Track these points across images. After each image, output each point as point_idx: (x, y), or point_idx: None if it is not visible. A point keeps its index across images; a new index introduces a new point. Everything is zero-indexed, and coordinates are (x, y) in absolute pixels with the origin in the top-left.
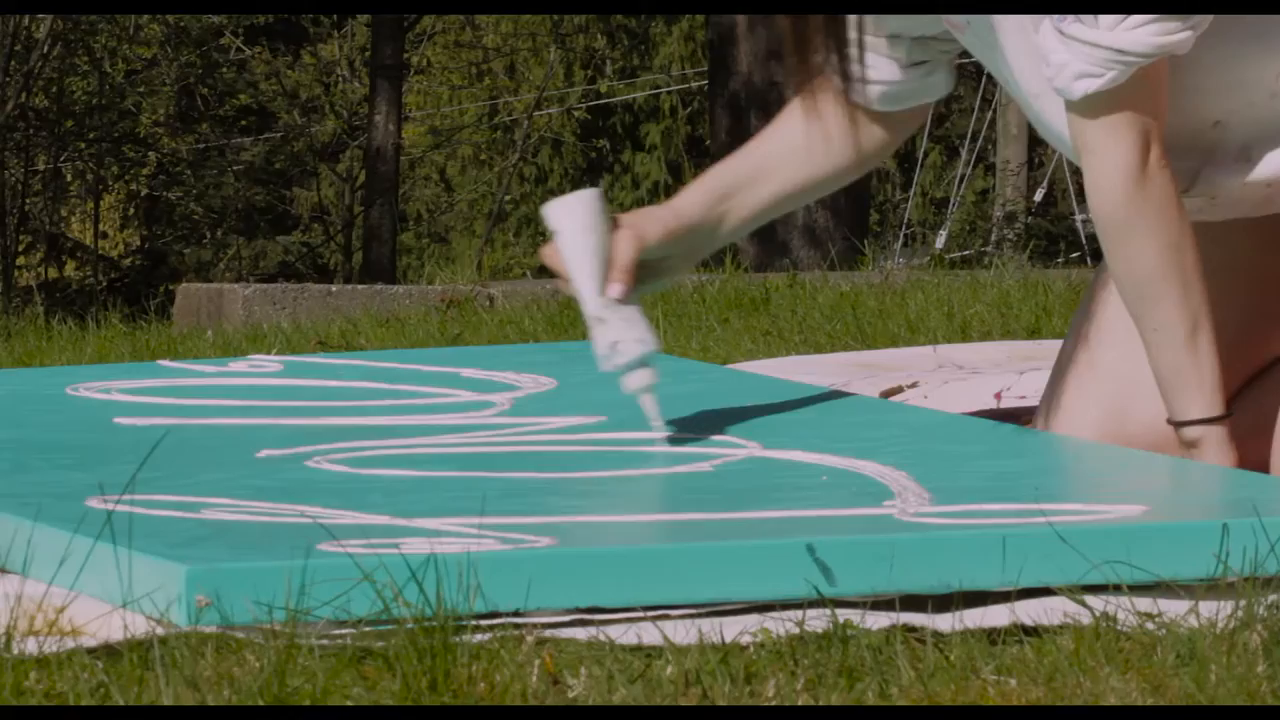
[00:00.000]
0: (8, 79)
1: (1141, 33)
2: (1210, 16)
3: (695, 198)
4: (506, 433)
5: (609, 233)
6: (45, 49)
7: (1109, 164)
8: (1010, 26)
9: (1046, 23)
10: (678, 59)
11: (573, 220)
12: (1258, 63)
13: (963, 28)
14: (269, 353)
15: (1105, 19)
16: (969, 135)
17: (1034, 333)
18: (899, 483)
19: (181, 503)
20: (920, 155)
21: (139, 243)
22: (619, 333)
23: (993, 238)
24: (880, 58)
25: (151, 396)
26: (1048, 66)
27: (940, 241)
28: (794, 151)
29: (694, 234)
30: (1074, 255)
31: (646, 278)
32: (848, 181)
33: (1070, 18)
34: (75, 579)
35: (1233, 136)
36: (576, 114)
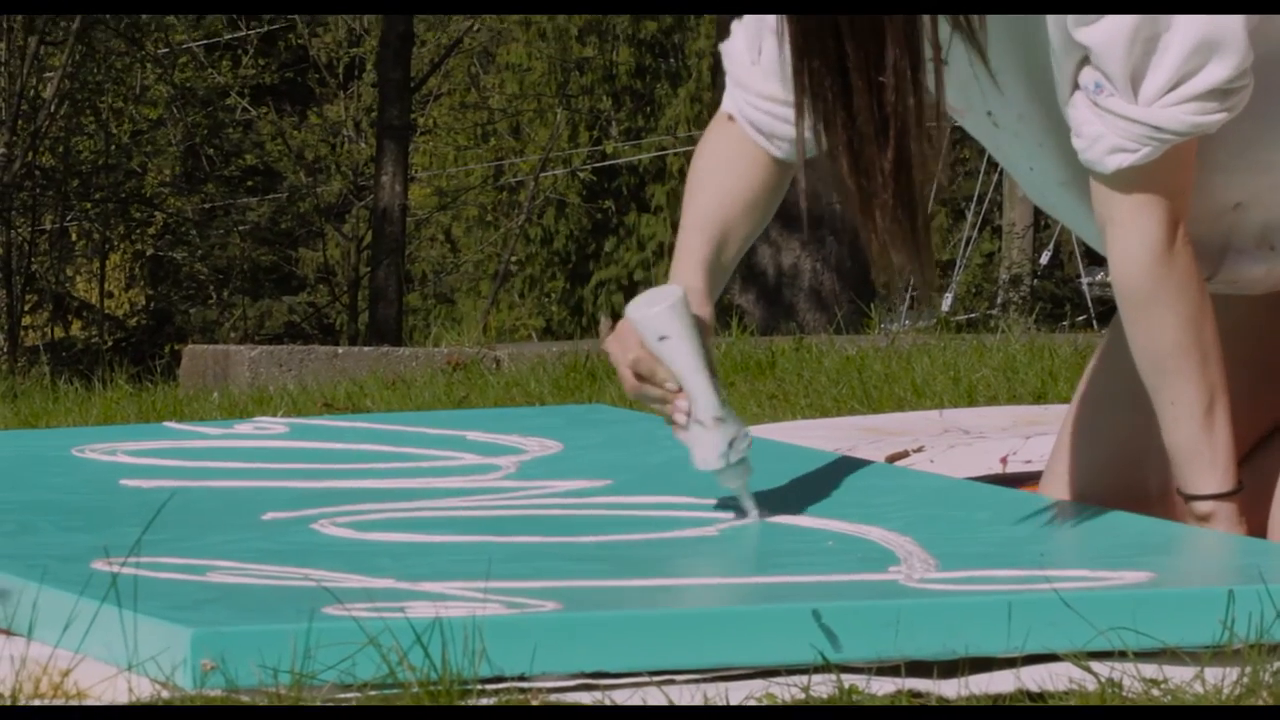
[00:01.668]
0: (15, 138)
1: (1178, 110)
2: (1248, 98)
3: (700, 284)
4: (512, 496)
5: (701, 332)
6: (52, 108)
7: (1135, 238)
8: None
9: (1079, 95)
10: (683, 120)
11: (679, 327)
12: None
13: (963, 113)
14: (274, 415)
15: (1143, 94)
16: (975, 198)
17: (1040, 397)
18: (904, 548)
19: (187, 565)
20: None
21: (144, 302)
22: (738, 428)
23: (998, 300)
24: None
25: (157, 458)
26: (1079, 138)
27: (946, 304)
28: (741, 205)
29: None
30: (1080, 318)
31: None
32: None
33: (1106, 90)
34: (80, 641)
35: (1253, 219)
36: (582, 175)
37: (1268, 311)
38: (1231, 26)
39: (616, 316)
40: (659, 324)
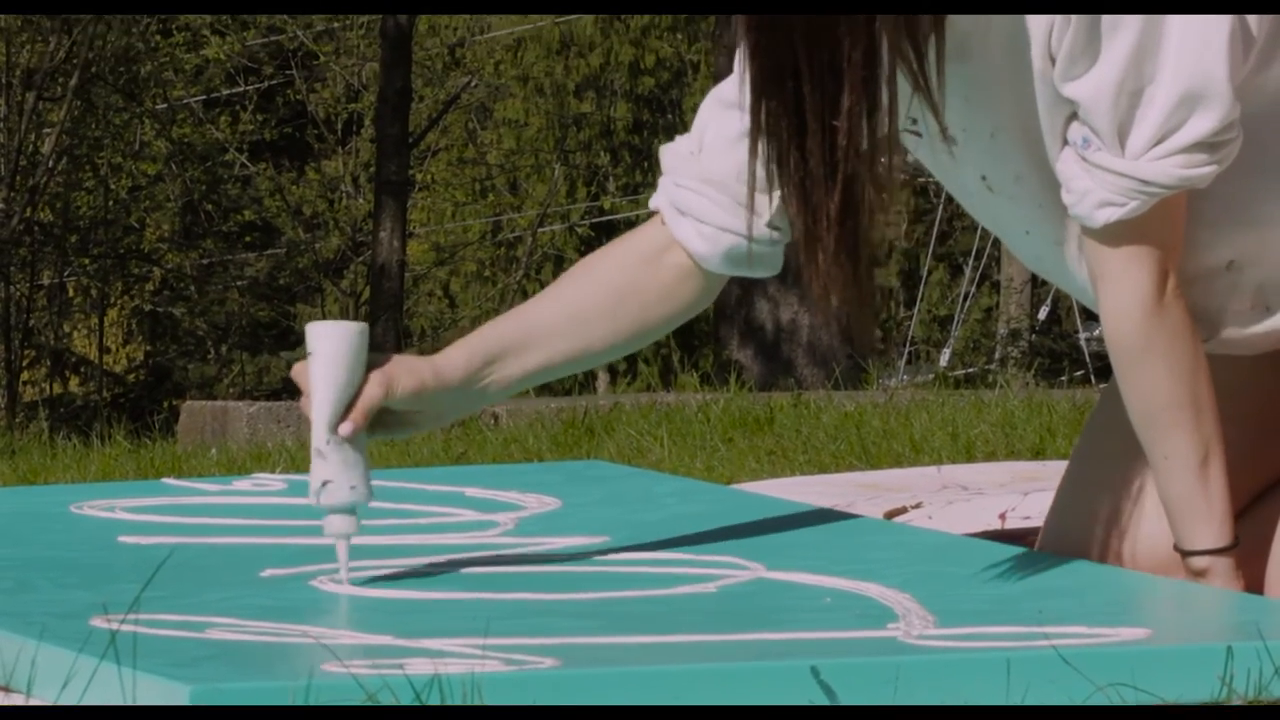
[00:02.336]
0: (13, 194)
1: (1167, 164)
2: (1236, 151)
3: (458, 359)
4: (510, 552)
5: (362, 371)
6: (50, 164)
7: (1126, 292)
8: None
9: (1068, 151)
10: None
11: (329, 347)
12: (1275, 201)
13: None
14: (273, 471)
15: (1130, 147)
16: (972, 253)
17: (1038, 453)
18: (903, 605)
19: (185, 622)
20: (924, 273)
21: (143, 358)
22: (334, 473)
23: (996, 356)
24: (740, 207)
25: (156, 515)
26: (1068, 194)
27: (944, 359)
28: (571, 319)
29: (449, 395)
30: (1078, 374)
31: (392, 425)
32: (625, 351)
33: (1094, 145)
34: (79, 699)
35: (1247, 280)
36: (579, 231)
37: (1268, 367)
38: (1216, 79)
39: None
40: (311, 339)
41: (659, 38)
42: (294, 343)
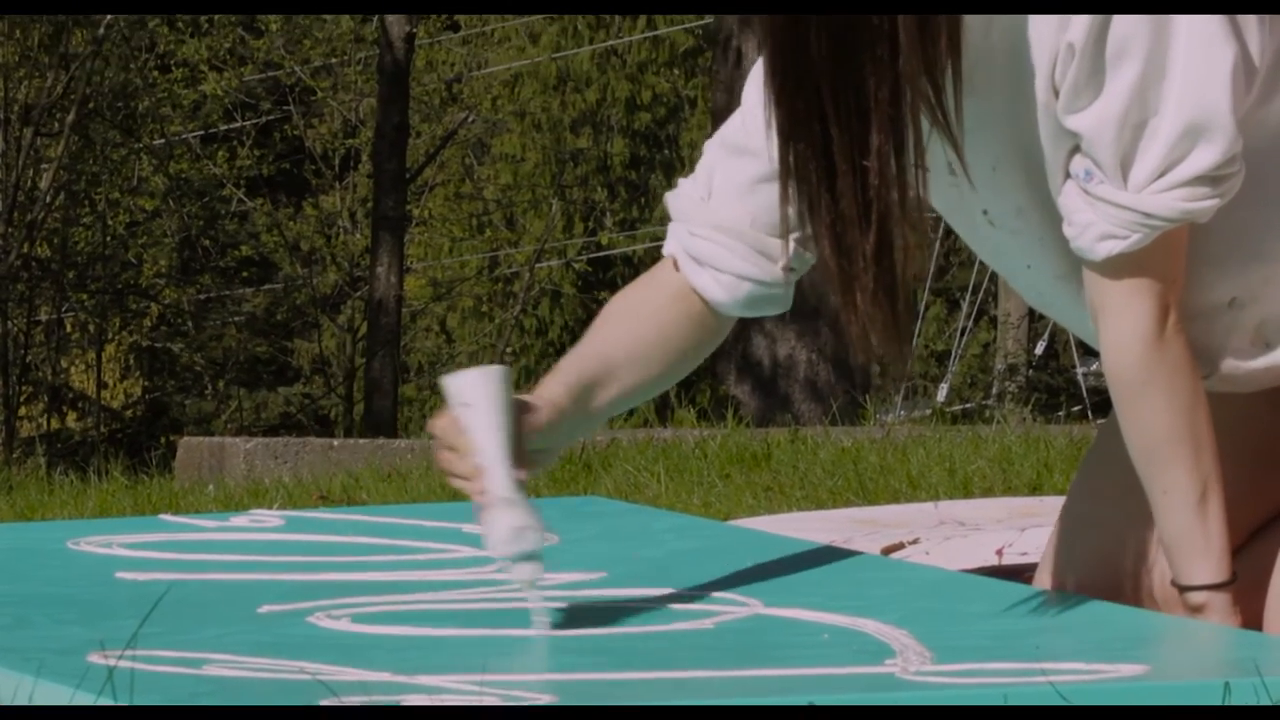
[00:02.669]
0: (11, 230)
1: (1169, 197)
2: (1239, 185)
3: (559, 389)
4: (508, 589)
5: (514, 413)
6: (48, 200)
7: (1126, 326)
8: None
9: (1070, 184)
10: None
11: (487, 394)
12: (1277, 235)
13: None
14: (270, 508)
15: (1133, 180)
16: (970, 288)
17: (1035, 489)
18: (900, 641)
19: (183, 659)
20: (921, 308)
21: (140, 394)
22: (527, 518)
23: (994, 390)
24: (760, 256)
25: (153, 551)
26: (1070, 227)
27: (942, 395)
28: (629, 354)
29: (566, 424)
30: (1075, 408)
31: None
32: (674, 381)
33: (1096, 177)
34: None
35: (1248, 316)
36: (577, 266)
37: (1266, 403)
38: (1219, 111)
39: None
40: (464, 390)
41: (655, 73)
42: (291, 378)
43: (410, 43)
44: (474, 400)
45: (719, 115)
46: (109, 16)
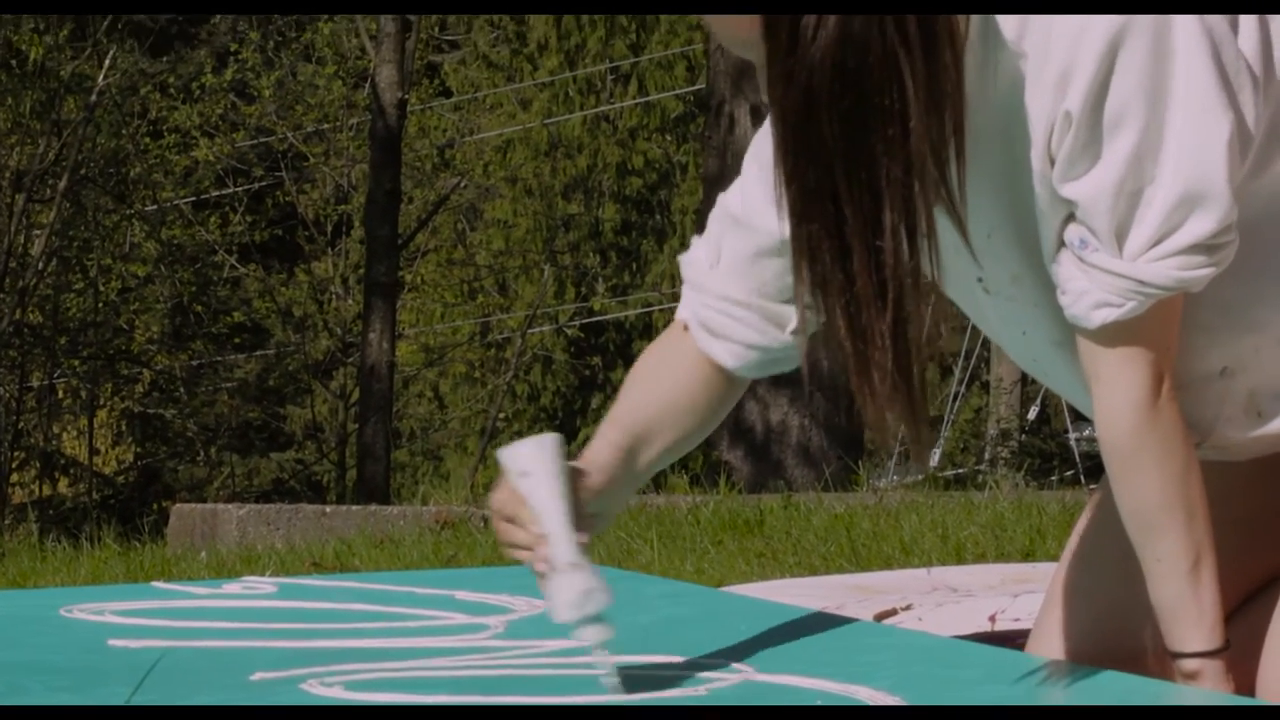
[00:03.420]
0: (3, 295)
1: (1164, 265)
2: (1233, 254)
3: (606, 451)
4: (501, 656)
5: (570, 480)
6: (40, 266)
7: (1120, 394)
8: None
9: (1065, 252)
10: (668, 277)
11: (546, 464)
12: (1270, 306)
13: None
14: (263, 574)
15: (1128, 249)
16: (962, 353)
17: (1028, 555)
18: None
19: None
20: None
21: (132, 460)
22: (594, 581)
23: (986, 456)
24: (768, 324)
25: (146, 619)
26: (1064, 295)
27: (934, 460)
28: (664, 413)
29: (616, 486)
30: (1068, 473)
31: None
32: (703, 437)
33: (1091, 245)
34: None
35: (1240, 385)
36: (568, 332)
37: (1258, 471)
38: (1215, 180)
39: None
40: (522, 460)
41: (647, 139)
42: (283, 444)
43: (402, 108)
44: (532, 469)
45: (711, 181)
46: (101, 83)
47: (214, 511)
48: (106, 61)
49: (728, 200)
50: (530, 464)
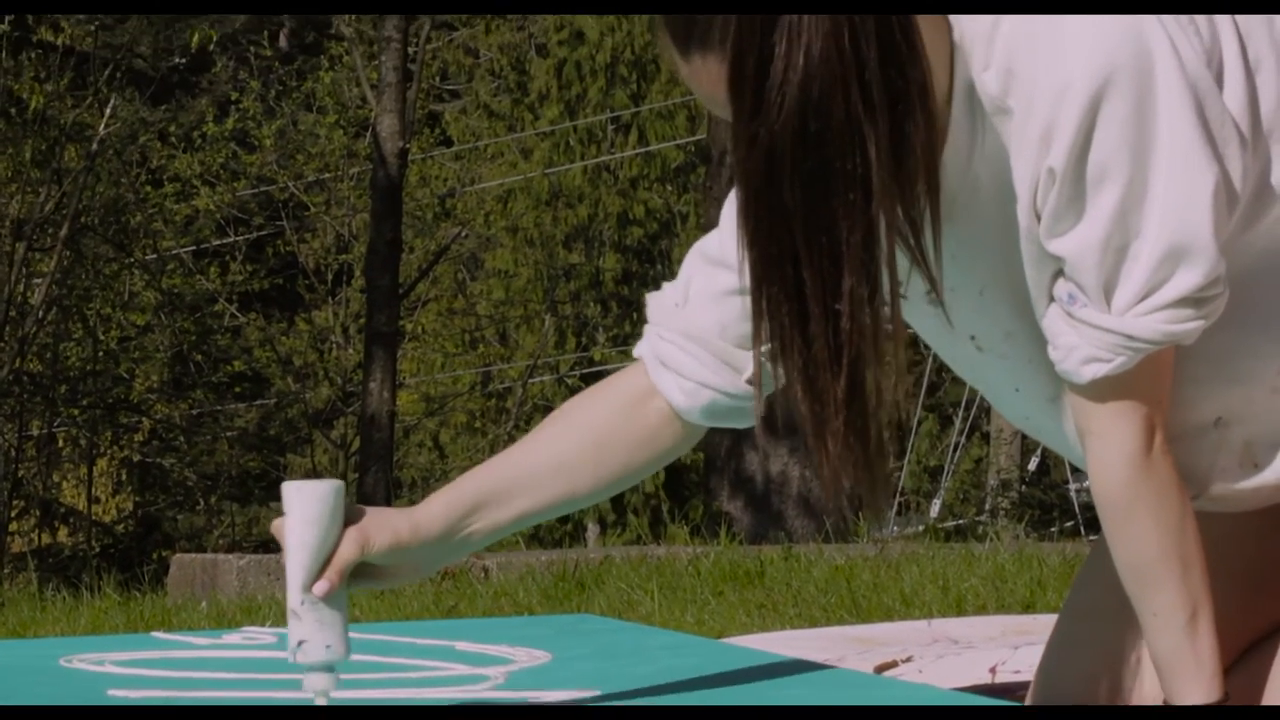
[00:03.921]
0: (2, 344)
1: (1152, 319)
2: (1223, 307)
3: (437, 510)
4: (501, 706)
5: (338, 529)
6: (40, 315)
7: (1113, 448)
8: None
9: (1054, 307)
10: None
11: (301, 508)
12: (1261, 358)
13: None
14: (263, 625)
15: (1116, 303)
16: (962, 403)
17: (1028, 607)
18: None
19: None
20: (914, 423)
21: (132, 509)
22: (309, 633)
23: (987, 506)
24: (724, 367)
25: (146, 669)
26: (1054, 350)
27: (934, 510)
28: (556, 466)
29: (427, 548)
30: (1068, 524)
31: (374, 576)
32: (609, 495)
33: (1080, 301)
34: None
35: (1235, 436)
36: (569, 382)
37: (1255, 522)
38: (1201, 234)
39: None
40: (285, 499)
41: (648, 188)
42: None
43: (403, 158)
44: (292, 510)
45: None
46: (102, 131)
47: (214, 561)
48: (107, 110)
49: (705, 243)
50: (292, 504)
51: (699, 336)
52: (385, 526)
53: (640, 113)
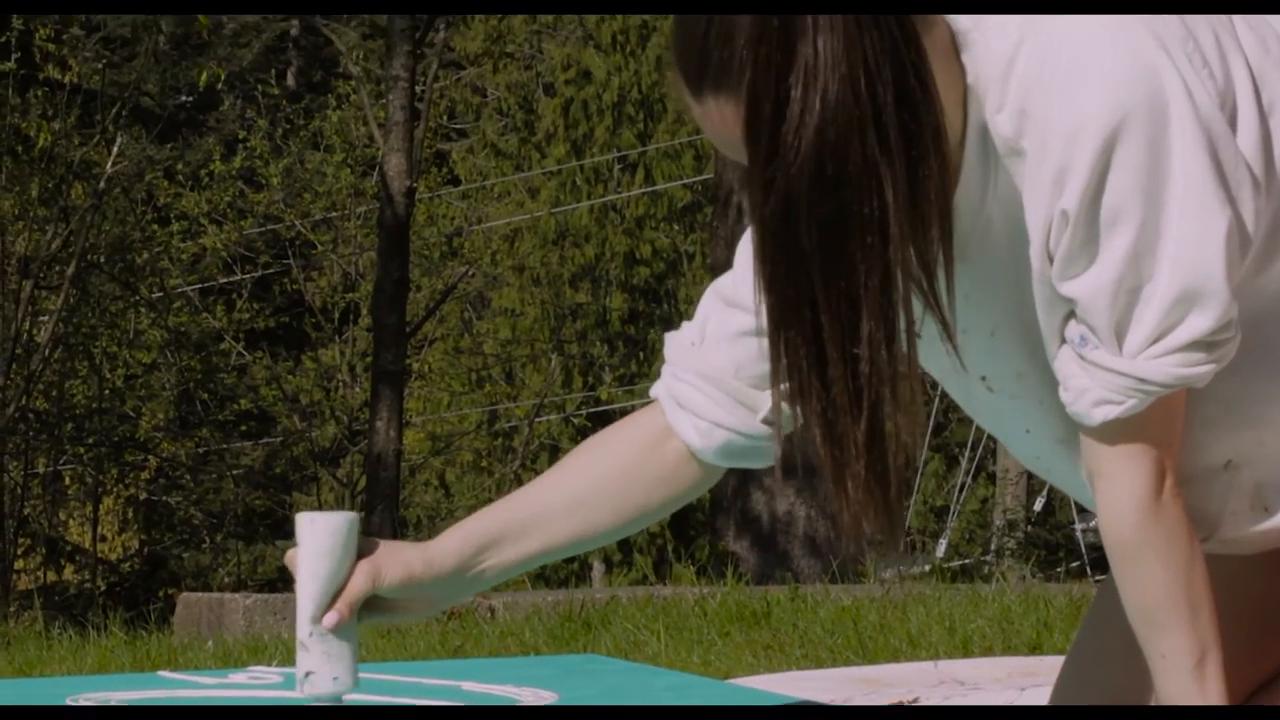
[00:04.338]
0: (9, 382)
1: (1164, 362)
2: (1234, 351)
3: (451, 545)
4: None
5: (350, 561)
6: (46, 353)
7: (1122, 491)
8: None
9: (1066, 349)
10: None
11: (313, 540)
12: (1273, 401)
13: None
14: (269, 664)
15: (1128, 346)
16: (968, 444)
17: (1035, 648)
18: None
19: None
20: (920, 463)
21: (138, 547)
22: (316, 664)
23: (993, 546)
24: (739, 406)
25: (152, 708)
26: (1065, 392)
27: (940, 550)
28: (574, 504)
29: (440, 584)
30: (1074, 564)
31: (384, 609)
32: (626, 534)
33: (1091, 343)
34: None
35: (1245, 480)
36: (576, 421)
37: (1264, 565)
38: (1213, 277)
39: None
40: (298, 530)
41: (654, 228)
42: (288, 532)
43: (410, 197)
44: (304, 542)
45: (719, 270)
46: (109, 169)
47: (221, 600)
48: (114, 148)
49: (720, 283)
50: (304, 535)
51: (714, 376)
52: (398, 560)
53: (647, 152)
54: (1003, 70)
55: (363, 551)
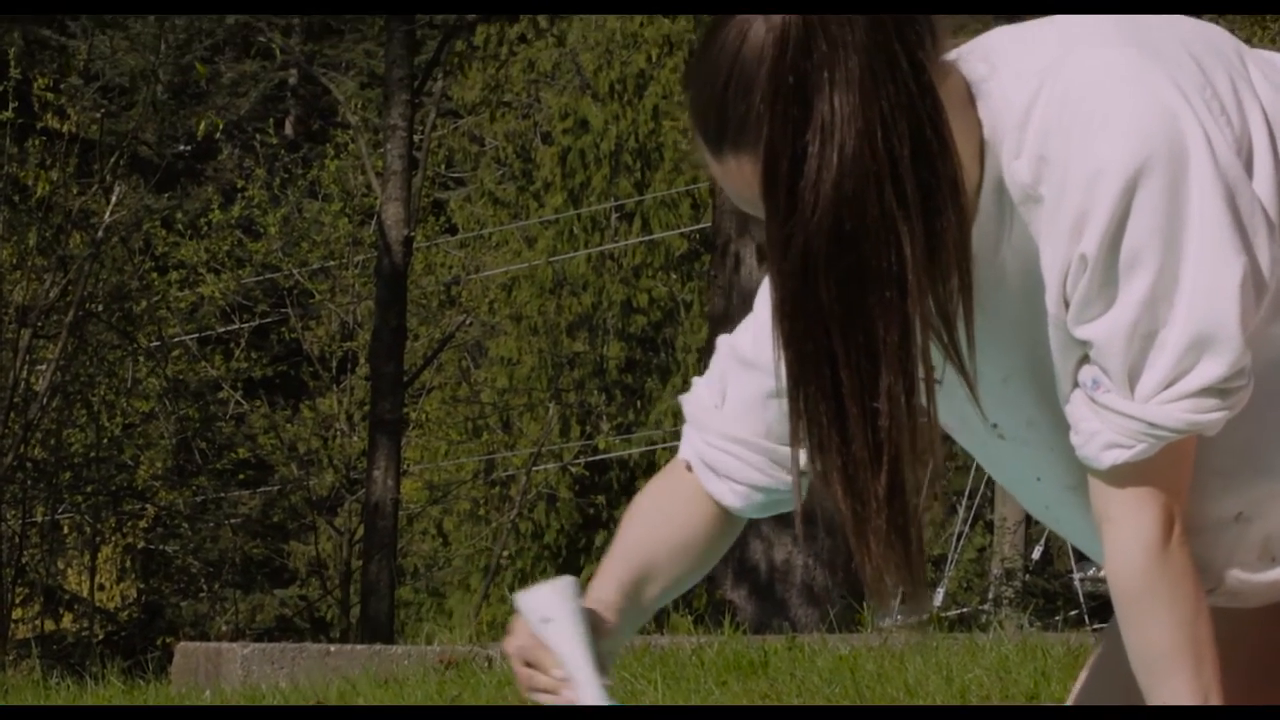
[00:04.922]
0: (6, 430)
1: (1175, 408)
2: (1247, 398)
3: (611, 589)
4: None
5: (588, 621)
6: (44, 401)
7: (1130, 536)
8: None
9: (1078, 393)
10: (672, 415)
11: (564, 610)
12: None
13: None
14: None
15: (1140, 390)
16: (966, 492)
17: (1033, 698)
18: None
19: None
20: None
21: (136, 595)
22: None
23: (990, 595)
24: (773, 465)
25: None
26: (1076, 435)
27: (938, 599)
28: (671, 550)
29: (628, 623)
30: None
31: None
32: (702, 575)
33: (1104, 386)
34: None
35: (1254, 531)
36: (573, 470)
37: (1267, 615)
38: (1227, 324)
39: None
40: (542, 607)
41: (651, 277)
42: (287, 580)
43: (408, 245)
44: (553, 615)
45: (716, 319)
46: (107, 218)
47: (218, 650)
48: (112, 197)
49: (735, 341)
50: (551, 609)
51: (745, 440)
52: (599, 608)
53: (644, 201)
54: (1020, 118)
55: None
